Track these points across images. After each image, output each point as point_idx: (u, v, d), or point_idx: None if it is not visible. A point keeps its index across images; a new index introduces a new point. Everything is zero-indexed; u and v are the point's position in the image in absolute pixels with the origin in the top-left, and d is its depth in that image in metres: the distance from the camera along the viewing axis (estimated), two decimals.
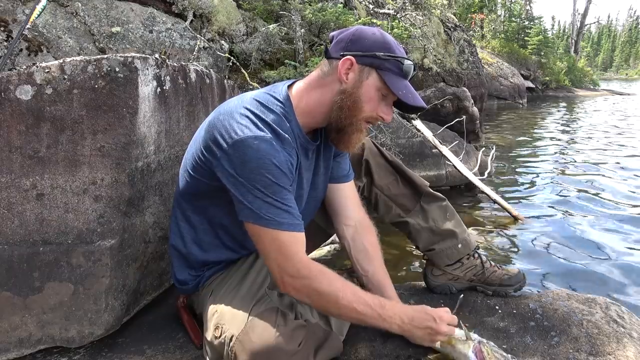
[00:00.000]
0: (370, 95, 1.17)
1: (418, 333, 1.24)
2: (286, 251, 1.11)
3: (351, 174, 1.47)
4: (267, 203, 1.09)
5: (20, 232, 1.32)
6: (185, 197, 1.30)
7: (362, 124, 1.21)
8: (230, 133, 1.09)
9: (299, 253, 1.12)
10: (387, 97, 1.19)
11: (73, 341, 1.35)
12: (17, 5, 2.59)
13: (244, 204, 1.09)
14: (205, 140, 1.16)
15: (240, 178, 1.08)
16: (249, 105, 1.15)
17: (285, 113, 1.18)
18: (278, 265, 1.12)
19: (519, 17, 22.01)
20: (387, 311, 1.20)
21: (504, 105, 13.38)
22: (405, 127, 4.14)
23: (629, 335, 1.40)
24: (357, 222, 1.42)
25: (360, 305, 1.15)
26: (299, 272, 1.11)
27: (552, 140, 7.52)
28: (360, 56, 1.16)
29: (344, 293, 1.13)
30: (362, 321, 1.20)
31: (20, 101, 1.29)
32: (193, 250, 1.31)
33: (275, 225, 1.09)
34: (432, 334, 1.23)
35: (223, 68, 3.46)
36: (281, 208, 1.10)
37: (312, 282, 1.12)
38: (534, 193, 4.26)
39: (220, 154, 1.10)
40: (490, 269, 1.65)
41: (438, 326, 1.22)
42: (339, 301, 1.13)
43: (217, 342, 1.13)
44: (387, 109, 1.21)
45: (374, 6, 5.48)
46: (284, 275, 1.12)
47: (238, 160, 1.07)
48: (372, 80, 1.16)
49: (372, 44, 1.16)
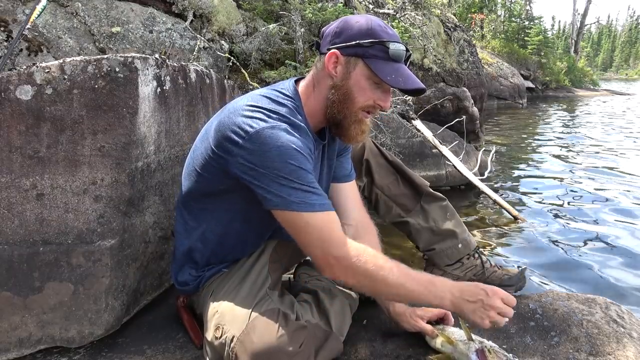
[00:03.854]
0: (360, 85, 1.15)
1: (469, 307, 1.14)
2: (325, 232, 1.08)
3: (353, 174, 1.46)
4: (295, 189, 1.06)
5: (20, 232, 1.31)
6: (193, 197, 1.28)
7: (359, 114, 1.19)
8: (244, 127, 1.07)
9: (338, 231, 1.09)
10: (382, 84, 1.16)
11: (73, 341, 1.35)
12: (17, 5, 2.59)
13: (272, 193, 1.07)
14: (217, 139, 1.14)
15: (262, 169, 1.06)
16: (258, 102, 1.14)
17: (296, 107, 1.18)
18: (321, 249, 1.09)
19: (519, 17, 22.01)
20: (437, 287, 1.14)
21: (504, 105, 13.38)
22: (405, 127, 4.14)
23: (629, 335, 1.40)
24: (357, 222, 1.41)
25: (410, 282, 1.11)
26: (342, 251, 1.07)
27: (552, 140, 7.52)
28: (345, 47, 1.14)
29: (391, 271, 1.09)
30: (412, 299, 1.16)
31: (20, 101, 1.29)
32: (197, 250, 1.30)
33: (307, 208, 1.06)
34: (485, 308, 1.12)
35: (223, 68, 3.45)
36: (309, 191, 1.07)
37: (358, 262, 1.08)
38: (533, 193, 4.26)
39: (237, 151, 1.08)
40: (490, 269, 1.66)
41: (491, 300, 1.12)
42: (387, 280, 1.09)
43: (218, 343, 1.13)
44: (384, 95, 1.18)
45: (373, 6, 5.48)
46: (329, 258, 1.08)
47: (258, 152, 1.06)
48: (359, 69, 1.14)
49: (356, 33, 1.14)
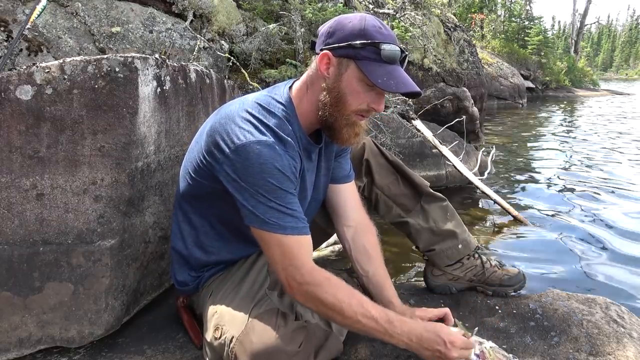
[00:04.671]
0: (352, 88, 1.11)
1: (426, 354, 1.15)
2: (291, 256, 1.09)
3: (352, 175, 1.46)
4: (271, 208, 1.07)
5: (20, 232, 1.31)
6: (187, 199, 1.29)
7: (351, 117, 1.15)
8: (232, 138, 1.08)
9: (304, 257, 1.10)
10: (375, 87, 1.11)
11: (73, 341, 1.35)
12: (17, 5, 2.59)
13: (248, 208, 1.08)
14: (207, 144, 1.15)
15: (243, 183, 1.07)
16: (251, 109, 1.13)
17: (287, 115, 1.16)
18: (284, 270, 1.10)
19: (519, 17, 22.02)
20: (395, 328, 1.12)
21: (504, 105, 13.38)
22: (405, 127, 4.14)
23: (629, 335, 1.40)
24: (357, 223, 1.41)
25: (366, 319, 1.10)
26: (303, 278, 1.09)
27: (552, 140, 7.52)
28: (337, 48, 1.10)
29: (349, 304, 1.09)
30: (367, 333, 1.15)
31: (20, 101, 1.29)
32: (194, 251, 1.30)
33: (279, 230, 1.08)
34: (441, 357, 1.13)
35: (223, 68, 3.45)
36: (285, 212, 1.08)
37: (317, 290, 1.09)
38: (534, 193, 4.26)
39: (223, 159, 1.09)
40: (490, 270, 1.66)
41: (448, 351, 1.12)
42: (344, 312, 1.09)
43: (217, 343, 1.13)
44: (377, 98, 1.14)
45: (373, 6, 5.48)
46: (290, 281, 1.10)
47: (241, 165, 1.06)
48: (351, 71, 1.10)
49: (348, 34, 1.09)
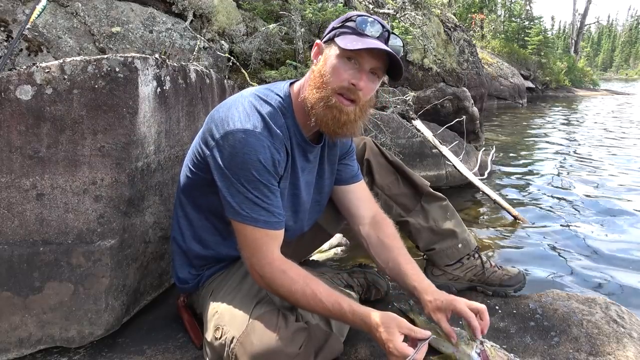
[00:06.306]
0: (332, 65, 1.14)
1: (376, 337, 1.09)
2: (256, 247, 1.13)
3: (360, 175, 1.46)
4: (247, 199, 1.11)
5: (20, 232, 1.32)
6: (185, 193, 1.31)
7: (332, 98, 1.13)
8: (223, 124, 1.12)
9: (268, 251, 1.13)
10: (355, 62, 1.12)
11: (73, 341, 1.35)
12: (17, 5, 2.59)
13: (227, 198, 1.12)
14: (203, 132, 1.20)
15: (227, 170, 1.10)
16: (247, 97, 1.18)
17: (283, 108, 1.19)
18: (248, 260, 1.15)
19: (519, 17, 22.00)
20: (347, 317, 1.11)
21: (504, 105, 13.37)
22: (405, 127, 4.13)
23: (629, 335, 1.40)
24: (371, 219, 1.41)
25: (320, 309, 1.12)
26: (263, 269, 1.13)
27: (552, 140, 7.51)
28: (325, 36, 1.20)
29: (303, 295, 1.11)
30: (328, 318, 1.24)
31: (20, 101, 1.29)
32: (192, 245, 1.31)
33: (251, 222, 1.12)
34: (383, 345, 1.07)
35: (223, 68, 3.45)
36: (260, 205, 1.11)
37: (272, 283, 1.13)
38: (533, 193, 4.26)
39: (213, 144, 1.13)
40: (490, 269, 1.66)
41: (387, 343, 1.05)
42: (299, 303, 1.13)
43: (217, 344, 1.13)
44: (358, 74, 1.13)
45: (373, 6, 5.47)
46: (252, 271, 1.15)
47: (227, 153, 1.10)
48: (332, 50, 1.16)
49: (335, 22, 1.19)
